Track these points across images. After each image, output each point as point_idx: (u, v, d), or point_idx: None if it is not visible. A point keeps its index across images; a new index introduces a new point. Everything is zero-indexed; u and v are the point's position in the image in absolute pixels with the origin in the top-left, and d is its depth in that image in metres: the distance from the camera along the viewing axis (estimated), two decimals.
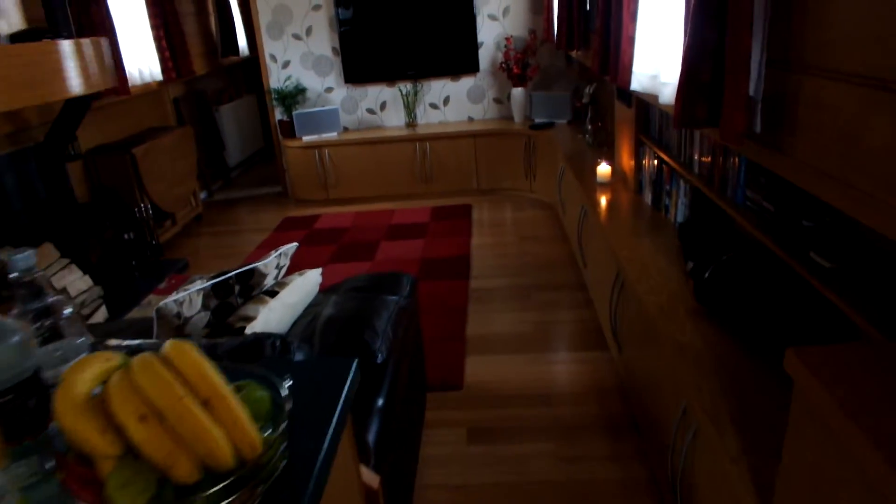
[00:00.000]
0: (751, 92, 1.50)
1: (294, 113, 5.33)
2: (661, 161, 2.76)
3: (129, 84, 4.62)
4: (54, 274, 3.54)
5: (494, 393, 2.68)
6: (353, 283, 2.33)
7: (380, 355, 1.83)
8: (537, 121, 5.24)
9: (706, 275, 1.94)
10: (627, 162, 3.23)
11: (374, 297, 2.15)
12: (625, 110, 3.18)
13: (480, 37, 5.33)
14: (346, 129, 5.67)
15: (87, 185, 4.48)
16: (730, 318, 1.85)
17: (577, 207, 3.62)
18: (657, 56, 2.07)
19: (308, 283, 2.27)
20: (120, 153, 4.45)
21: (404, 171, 5.36)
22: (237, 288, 2.08)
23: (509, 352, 2.98)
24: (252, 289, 2.12)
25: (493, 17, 5.27)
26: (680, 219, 2.60)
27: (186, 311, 1.95)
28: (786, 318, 1.67)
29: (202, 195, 6.11)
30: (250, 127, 6.93)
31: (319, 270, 2.37)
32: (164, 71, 4.95)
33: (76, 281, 3.61)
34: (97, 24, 4.11)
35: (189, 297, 1.96)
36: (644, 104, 2.94)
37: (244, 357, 1.52)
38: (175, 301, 1.93)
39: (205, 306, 2.00)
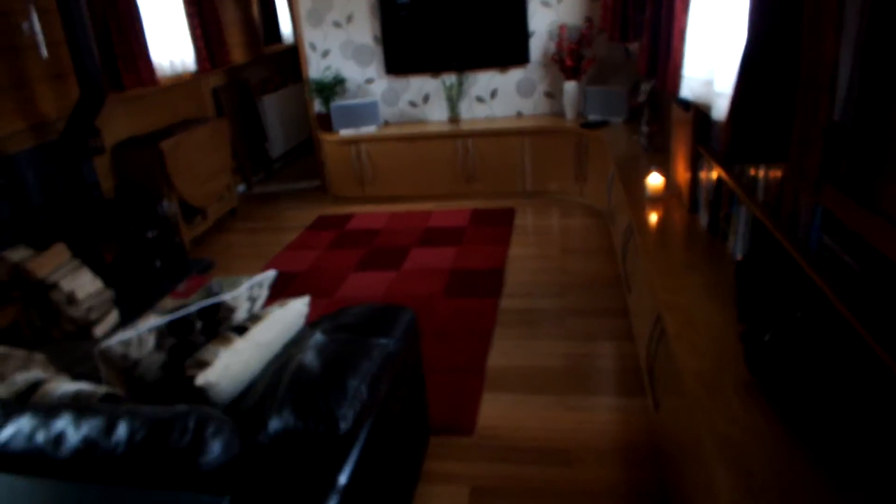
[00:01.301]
0: (835, 116, 1.08)
1: (332, 105, 5.06)
2: (721, 178, 2.31)
3: (159, 75, 4.44)
4: (64, 277, 3.38)
5: (508, 443, 2.32)
6: (344, 319, 2.01)
7: (342, 423, 1.50)
8: (591, 118, 4.78)
9: (765, 339, 1.52)
10: (683, 175, 2.78)
11: (359, 342, 1.82)
12: (682, 114, 2.73)
13: (531, 25, 4.90)
14: (386, 123, 5.36)
15: (115, 180, 4.34)
16: (790, 402, 1.44)
17: (625, 223, 3.20)
18: (712, 56, 1.64)
19: (289, 316, 1.96)
20: (147, 147, 4.28)
21: (445, 170, 5.01)
22: (199, 324, 1.79)
23: (532, 391, 2.61)
24: (218, 324, 1.83)
25: (545, 4, 4.83)
26: (739, 252, 2.16)
27: (135, 353, 1.68)
28: (868, 414, 1.25)
29: (240, 188, 5.95)
30: (295, 117, 6.72)
31: (306, 300, 2.07)
32: (198, 61, 4.75)
33: (85, 284, 3.45)
34: (122, 13, 3.92)
35: (139, 337, 1.69)
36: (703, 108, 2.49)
37: (131, 465, 1.23)
38: (121, 342, 1.66)
39: (159, 346, 1.73)
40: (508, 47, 4.95)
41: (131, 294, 3.83)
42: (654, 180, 2.88)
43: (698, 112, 2.51)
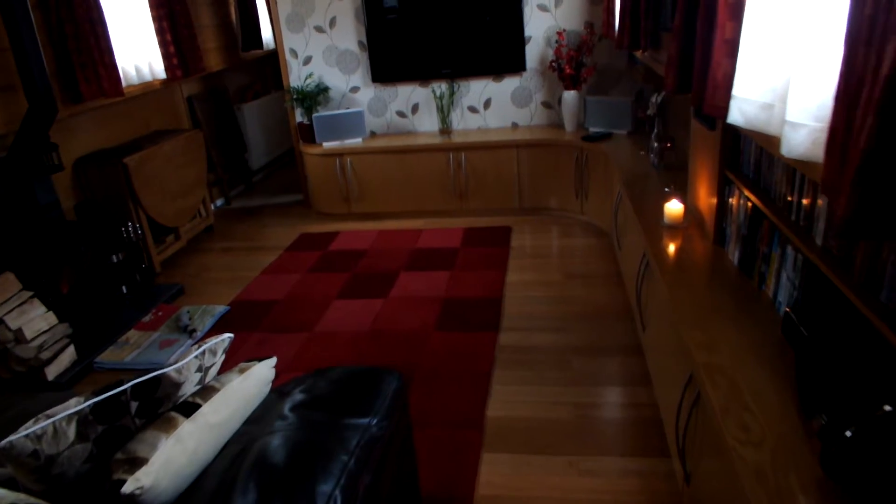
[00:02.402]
0: None
1: (314, 116, 4.71)
2: (757, 209, 2.00)
3: (124, 84, 4.08)
4: (10, 311, 3.02)
5: None
6: (317, 390, 1.66)
7: None
8: (592, 130, 4.47)
9: (846, 435, 1.20)
10: (706, 200, 2.47)
11: (334, 425, 1.49)
12: (705, 133, 2.42)
13: (528, 30, 4.58)
14: (373, 134, 5.03)
15: (77, 198, 3.98)
16: None
17: (635, 251, 2.88)
18: (779, 73, 1.32)
19: (250, 387, 1.62)
20: (111, 163, 3.93)
21: (436, 185, 4.68)
22: (134, 405, 1.45)
23: (538, 449, 2.28)
24: (160, 403, 1.49)
25: (543, 8, 4.52)
26: (784, 299, 1.84)
27: (49, 448, 1.34)
28: None
29: (218, 202, 5.59)
30: (277, 127, 6.37)
31: (272, 363, 1.73)
32: (167, 68, 4.39)
33: (36, 319, 3.09)
34: (80, 18, 3.56)
35: (53, 427, 1.35)
36: (733, 127, 2.17)
37: None
38: (29, 436, 1.32)
39: (82, 436, 1.39)
40: (503, 54, 4.63)
41: (91, 327, 3.47)
42: (674, 208, 2.56)
43: (728, 132, 2.19)
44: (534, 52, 4.63)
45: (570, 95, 4.48)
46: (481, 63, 4.68)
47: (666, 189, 2.89)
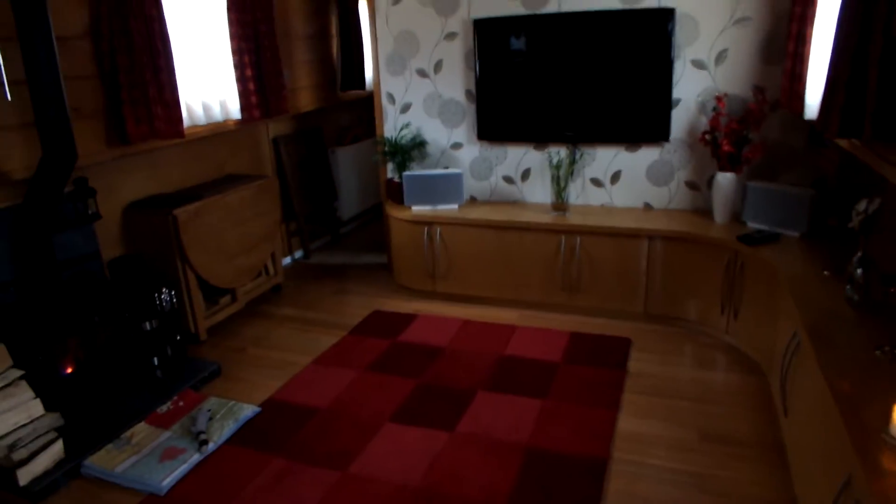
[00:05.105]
0: None
1: (404, 174, 3.99)
2: None
3: (189, 124, 3.55)
4: None
5: None
6: None
7: None
8: (751, 225, 3.42)
9: None
10: None
11: None
12: None
13: (677, 92, 3.63)
14: (472, 200, 4.23)
15: (125, 250, 3.47)
16: None
17: (824, 454, 1.83)
18: None
19: None
20: (160, 213, 3.37)
21: (540, 271, 3.79)
22: None
23: None
24: None
25: (699, 65, 3.56)
26: None
27: None
28: None
29: (296, 255, 4.99)
30: (373, 175, 5.74)
31: None
32: (244, 108, 3.83)
33: (15, 409, 2.49)
34: (138, 47, 3.03)
35: None
36: None
37: None
38: None
39: None
40: (642, 118, 3.70)
41: (96, 414, 2.85)
42: None
43: None
44: (682, 118, 3.67)
45: (725, 178, 3.47)
46: (613, 127, 3.78)
47: None
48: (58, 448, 2.60)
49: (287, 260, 4.91)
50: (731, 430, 2.63)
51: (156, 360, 3.20)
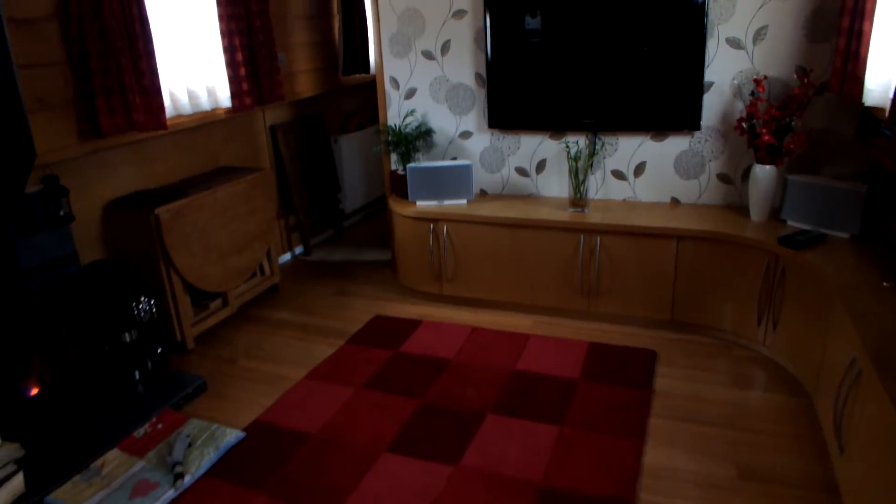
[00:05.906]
0: None
1: (408, 166, 3.66)
2: None
3: (173, 113, 3.24)
4: None
5: None
6: None
7: None
8: (791, 224, 3.06)
9: None
10: None
11: None
12: None
13: (709, 74, 3.26)
14: (483, 193, 3.90)
15: (107, 252, 3.20)
16: None
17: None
18: None
19: None
20: (141, 212, 3.08)
21: (556, 273, 3.46)
22: None
23: None
24: None
25: (735, 43, 3.18)
26: None
27: None
28: None
29: (295, 251, 4.70)
30: (379, 165, 5.42)
31: None
32: (234, 95, 3.52)
33: None
34: (111, 30, 2.72)
35: None
36: None
37: None
38: None
39: None
40: (669, 104, 3.33)
41: (61, 441, 2.59)
42: None
43: None
44: (714, 104, 3.30)
45: (763, 171, 3.10)
46: (637, 114, 3.41)
47: None
48: (17, 482, 2.34)
49: (286, 257, 4.62)
50: (772, 466, 2.31)
51: (137, 374, 2.94)
